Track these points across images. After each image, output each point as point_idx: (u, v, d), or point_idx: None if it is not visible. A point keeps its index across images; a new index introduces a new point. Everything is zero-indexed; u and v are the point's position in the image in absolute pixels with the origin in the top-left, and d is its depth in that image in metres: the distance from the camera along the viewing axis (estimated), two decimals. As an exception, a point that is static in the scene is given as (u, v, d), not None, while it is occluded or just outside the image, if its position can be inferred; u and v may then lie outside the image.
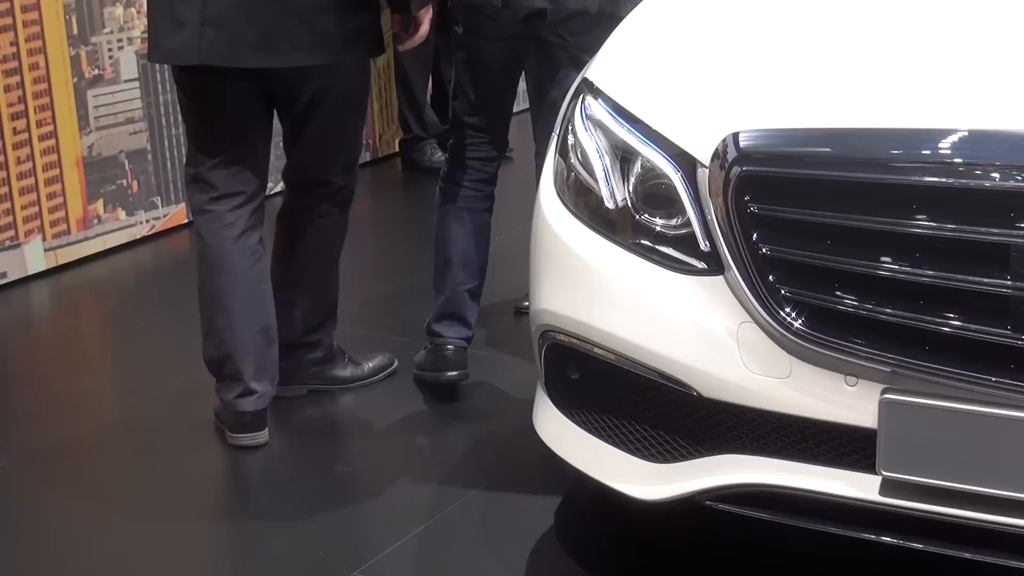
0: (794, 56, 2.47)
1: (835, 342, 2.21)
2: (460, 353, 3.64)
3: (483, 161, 3.63)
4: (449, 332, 3.64)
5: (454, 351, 3.64)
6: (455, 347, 3.64)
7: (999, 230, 2.11)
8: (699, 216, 2.34)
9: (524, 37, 3.45)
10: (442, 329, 3.64)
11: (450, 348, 3.64)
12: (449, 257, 3.62)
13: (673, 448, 2.44)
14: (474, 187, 3.62)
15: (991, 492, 2.16)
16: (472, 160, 3.62)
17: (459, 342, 3.65)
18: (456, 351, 3.64)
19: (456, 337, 3.64)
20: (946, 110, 2.22)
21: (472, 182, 3.62)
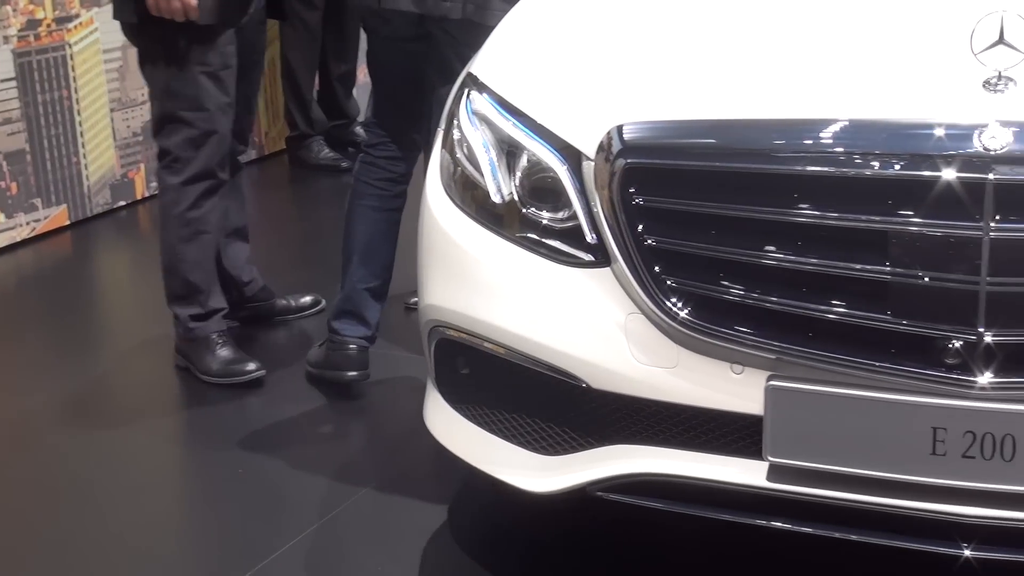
0: (677, 48, 2.49)
1: (721, 331, 2.23)
2: (362, 353, 3.62)
3: (390, 160, 3.61)
4: (348, 330, 3.61)
5: (356, 351, 3.60)
6: (357, 347, 3.60)
7: (879, 217, 2.15)
8: (585, 209, 2.35)
9: (420, 38, 3.44)
10: (341, 327, 3.62)
11: (352, 348, 3.60)
12: (351, 254, 3.61)
13: (563, 440, 2.45)
14: (381, 186, 3.60)
15: (875, 475, 2.20)
16: (380, 159, 3.61)
17: (360, 342, 3.61)
18: (359, 351, 3.61)
19: (355, 336, 3.60)
20: (827, 100, 2.25)
21: (379, 180, 3.60)
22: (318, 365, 3.68)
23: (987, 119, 2.10)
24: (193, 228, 3.69)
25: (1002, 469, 2.12)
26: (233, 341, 3.78)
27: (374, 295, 3.62)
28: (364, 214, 3.61)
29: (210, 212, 3.71)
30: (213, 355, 3.72)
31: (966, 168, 2.08)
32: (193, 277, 3.72)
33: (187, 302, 3.74)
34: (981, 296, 2.10)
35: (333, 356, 3.63)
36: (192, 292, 3.73)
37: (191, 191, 3.66)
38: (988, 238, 2.08)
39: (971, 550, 2.20)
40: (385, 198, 3.61)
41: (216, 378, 3.70)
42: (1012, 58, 2.17)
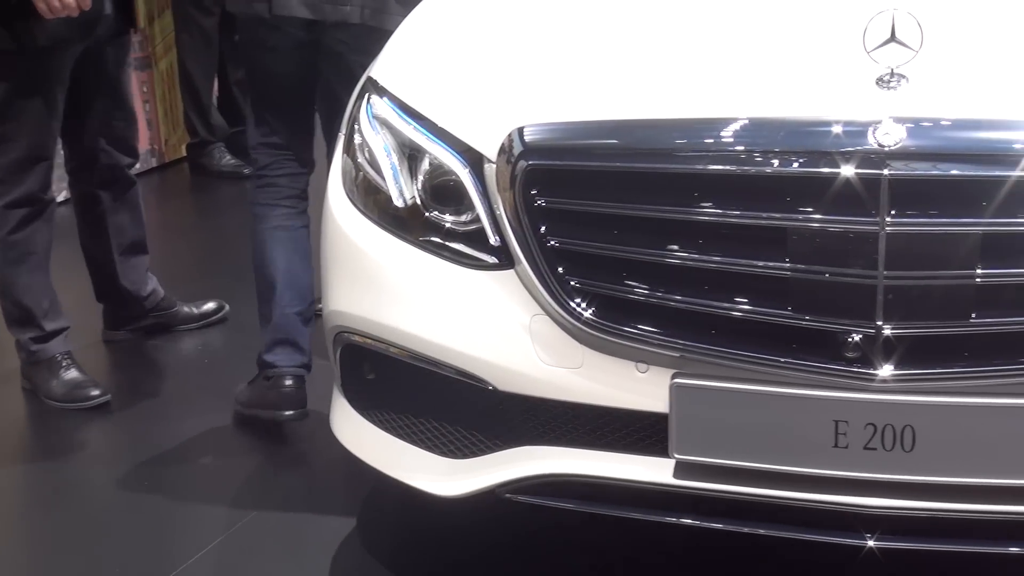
0: (578, 49, 2.50)
1: (625, 330, 2.25)
2: (300, 387, 3.41)
3: (290, 177, 3.47)
4: (284, 361, 3.40)
5: (293, 384, 3.40)
6: (294, 378, 3.40)
7: (779, 214, 2.18)
8: (488, 211, 2.36)
9: (309, 45, 3.36)
10: (276, 359, 3.40)
11: (288, 382, 3.40)
12: (272, 282, 3.41)
13: (471, 443, 2.45)
14: (288, 204, 3.46)
15: (780, 469, 2.23)
16: (279, 178, 3.46)
17: (296, 370, 3.41)
18: (295, 383, 3.40)
19: (292, 366, 3.40)
20: (726, 99, 2.27)
21: (283, 200, 3.45)
22: (250, 404, 3.48)
23: (881, 116, 2.14)
24: (18, 251, 3.61)
25: (903, 460, 2.16)
26: (78, 364, 3.70)
27: (304, 318, 3.44)
28: (276, 238, 3.43)
29: (35, 233, 3.63)
30: (58, 379, 3.65)
31: (861, 164, 2.12)
32: (26, 300, 3.64)
33: (25, 325, 3.67)
34: (879, 290, 2.13)
35: (269, 394, 3.41)
36: (27, 315, 3.66)
37: (13, 215, 3.58)
38: (884, 232, 2.11)
39: (875, 540, 2.23)
40: (293, 216, 3.46)
41: (60, 403, 3.63)
42: (904, 55, 2.21)
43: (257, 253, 3.47)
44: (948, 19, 2.31)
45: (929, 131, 2.13)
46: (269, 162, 3.47)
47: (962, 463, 2.15)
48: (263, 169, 3.48)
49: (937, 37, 2.23)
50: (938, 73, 2.20)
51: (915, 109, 2.15)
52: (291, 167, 3.47)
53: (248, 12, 3.33)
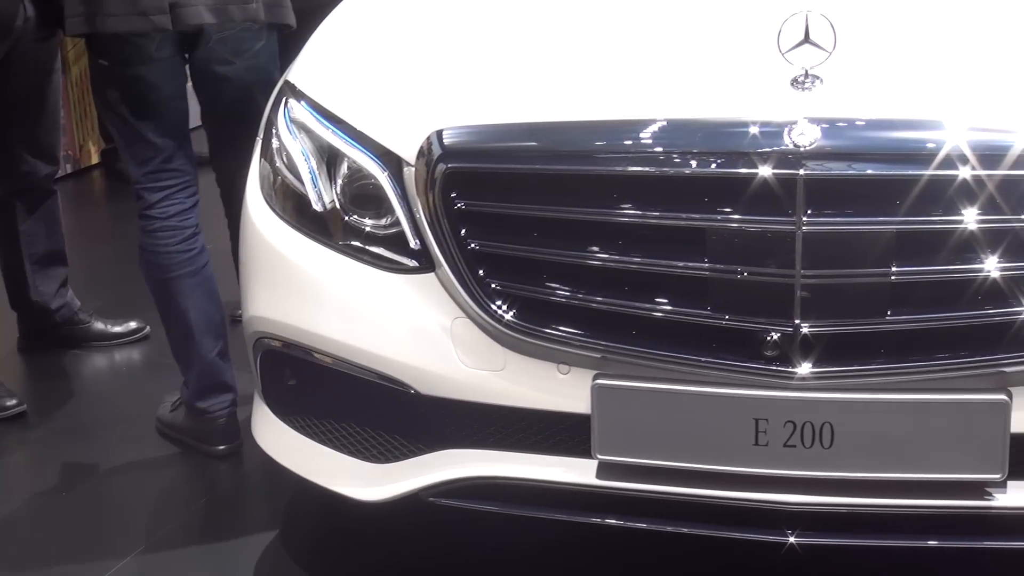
0: (497, 52, 2.50)
1: (546, 332, 2.25)
2: (232, 420, 3.33)
3: (182, 215, 3.24)
4: (215, 404, 3.32)
5: (226, 419, 3.33)
6: (227, 416, 3.33)
7: (698, 215, 2.19)
8: (408, 215, 2.35)
9: (181, 56, 3.22)
10: (207, 405, 3.32)
11: (222, 419, 3.33)
12: (189, 332, 3.27)
13: (394, 447, 2.44)
14: (184, 248, 3.24)
15: (702, 467, 2.25)
16: (172, 218, 3.23)
17: (229, 409, 3.34)
18: (228, 418, 3.33)
19: (223, 407, 3.33)
20: (645, 101, 2.28)
21: (180, 244, 3.24)
22: (177, 430, 3.40)
23: (796, 116, 2.16)
24: None
25: (822, 456, 2.18)
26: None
27: (224, 356, 3.33)
28: (183, 289, 3.24)
29: None
30: None
31: (777, 165, 2.14)
32: None
33: None
34: (796, 289, 2.15)
35: (200, 428, 3.34)
36: None
37: None
38: (801, 232, 2.13)
39: (795, 536, 2.26)
40: (194, 257, 3.25)
41: None
42: (818, 56, 2.23)
43: (165, 305, 3.29)
44: (861, 20, 2.34)
45: (843, 131, 2.16)
46: (157, 199, 3.23)
47: (879, 459, 2.18)
48: (150, 209, 3.24)
49: (850, 38, 2.26)
50: (851, 73, 2.23)
51: (829, 109, 2.17)
52: (180, 200, 3.25)
53: (139, 28, 3.08)
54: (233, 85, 3.25)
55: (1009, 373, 2.14)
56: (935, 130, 2.15)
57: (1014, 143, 2.12)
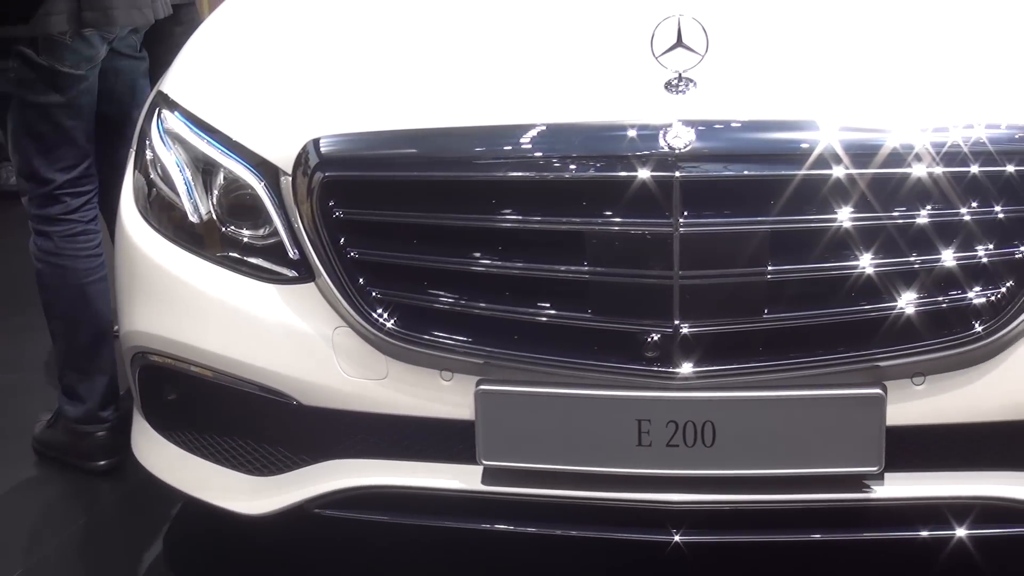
0: (375, 58, 2.49)
1: (427, 339, 2.25)
2: (115, 432, 3.23)
3: (96, 220, 3.19)
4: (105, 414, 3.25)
5: (107, 433, 3.25)
6: (108, 429, 3.26)
7: (578, 219, 2.20)
8: (286, 224, 2.33)
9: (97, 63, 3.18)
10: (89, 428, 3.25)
11: (101, 433, 3.26)
12: (97, 340, 3.21)
13: (277, 460, 2.42)
14: (98, 251, 3.19)
15: (587, 470, 2.26)
16: (89, 223, 3.19)
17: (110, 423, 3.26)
18: (110, 431, 3.25)
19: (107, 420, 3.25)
20: (523, 106, 2.29)
21: (94, 248, 3.19)
22: (56, 448, 3.31)
23: (670, 119, 2.18)
24: None
25: (704, 455, 2.20)
26: None
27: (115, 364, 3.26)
28: (95, 295, 3.17)
29: None
30: None
31: (653, 167, 2.15)
32: None
33: None
34: (675, 290, 2.17)
35: (80, 443, 3.25)
36: None
37: None
38: (678, 233, 2.15)
39: (680, 535, 2.28)
40: (103, 262, 3.17)
41: None
42: (691, 60, 2.26)
43: (73, 314, 3.20)
44: (733, 23, 2.37)
45: (717, 133, 2.19)
46: (79, 205, 3.19)
47: (760, 455, 2.21)
48: (75, 213, 3.18)
49: (722, 41, 2.28)
50: (725, 76, 2.25)
51: (703, 112, 2.20)
52: (96, 207, 3.23)
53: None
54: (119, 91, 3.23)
55: (884, 367, 2.18)
56: (808, 130, 2.18)
57: (885, 141, 2.16)
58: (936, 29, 2.42)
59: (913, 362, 2.18)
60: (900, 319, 2.17)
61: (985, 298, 2.16)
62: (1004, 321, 2.15)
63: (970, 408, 2.20)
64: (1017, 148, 2.16)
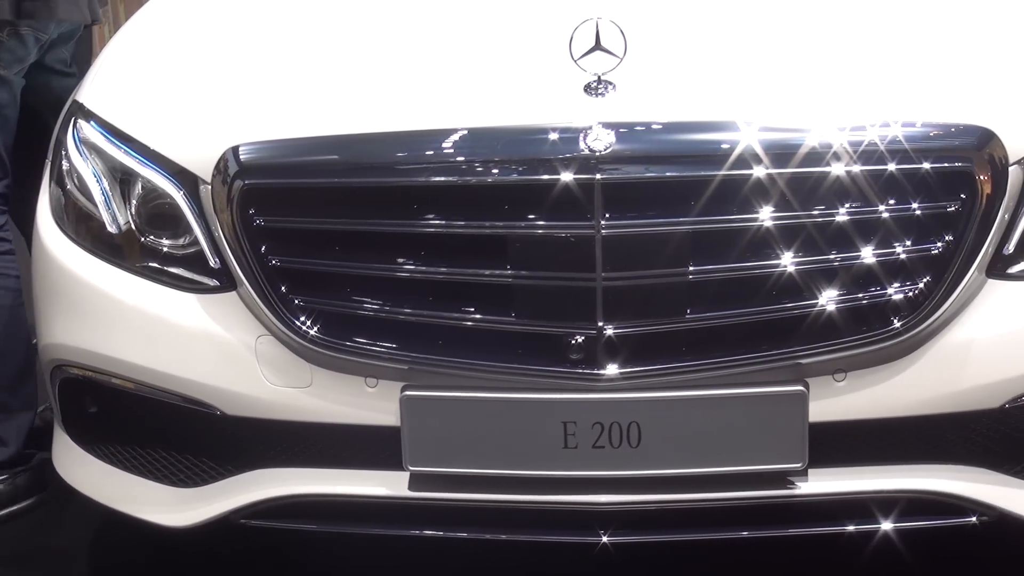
0: (294, 64, 2.47)
1: (351, 346, 2.24)
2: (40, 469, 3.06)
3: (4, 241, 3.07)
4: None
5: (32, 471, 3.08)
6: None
7: (501, 223, 2.20)
8: (206, 233, 2.31)
9: None
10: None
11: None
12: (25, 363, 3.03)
13: (202, 471, 2.40)
14: (6, 269, 3.05)
15: (514, 473, 2.25)
16: (11, 242, 3.08)
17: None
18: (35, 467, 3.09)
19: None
20: (444, 110, 2.29)
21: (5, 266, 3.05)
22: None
23: (590, 122, 2.19)
24: None
25: (630, 455, 2.21)
26: None
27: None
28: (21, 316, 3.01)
29: None
30: None
31: (575, 170, 2.16)
32: None
33: None
34: (598, 291, 2.18)
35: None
36: None
37: None
38: (600, 235, 2.16)
39: (608, 536, 2.28)
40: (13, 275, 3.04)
41: None
42: (609, 62, 2.27)
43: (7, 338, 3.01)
44: (651, 26, 2.38)
45: (637, 135, 2.20)
46: (3, 221, 3.08)
47: (686, 454, 2.22)
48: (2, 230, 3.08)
49: (641, 44, 2.29)
50: (644, 78, 2.26)
51: (623, 114, 2.21)
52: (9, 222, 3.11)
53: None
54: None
55: (805, 364, 2.20)
56: (728, 131, 2.20)
57: (804, 141, 2.18)
58: (853, 29, 2.45)
59: (834, 359, 2.20)
60: (821, 317, 2.20)
61: (903, 294, 2.19)
62: (922, 317, 2.18)
63: (890, 403, 2.23)
64: (933, 146, 2.19)
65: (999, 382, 2.23)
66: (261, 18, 2.67)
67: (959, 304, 2.20)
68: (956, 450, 2.27)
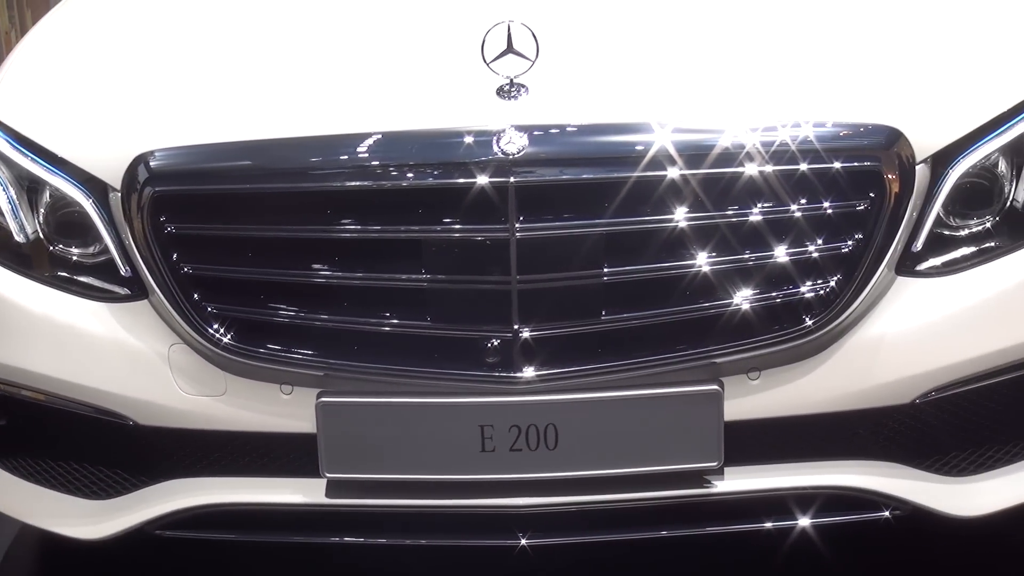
0: (205, 68, 2.44)
1: (265, 353, 2.22)
2: None
3: None
4: None
5: None
6: None
7: (417, 227, 2.20)
8: (116, 241, 2.28)
9: None
10: None
11: None
12: None
13: (115, 482, 2.37)
14: None
15: (433, 478, 2.25)
16: None
17: None
18: None
19: None
20: (357, 115, 2.28)
21: None
22: None
23: (503, 125, 2.18)
24: None
25: (548, 458, 2.21)
26: None
27: None
28: None
29: None
30: None
31: (489, 173, 2.16)
32: None
33: None
34: (513, 294, 2.18)
35: None
36: None
37: None
38: (515, 238, 2.16)
39: (527, 539, 2.29)
40: None
41: None
42: (522, 65, 2.27)
43: None
44: (563, 28, 2.38)
45: (551, 137, 2.20)
46: None
47: (604, 455, 2.23)
48: None
49: (553, 46, 2.30)
50: (557, 81, 2.27)
51: (536, 117, 2.21)
52: None
53: None
54: None
55: (720, 364, 2.22)
56: (641, 132, 2.20)
57: (717, 142, 2.19)
58: (765, 30, 2.46)
59: (748, 358, 2.22)
60: (735, 316, 2.21)
61: (815, 293, 2.21)
62: (833, 315, 2.20)
63: (804, 400, 2.25)
64: (842, 145, 2.21)
65: (909, 378, 2.26)
66: (171, 23, 2.63)
67: (869, 302, 2.23)
68: (869, 446, 2.30)
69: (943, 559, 2.71)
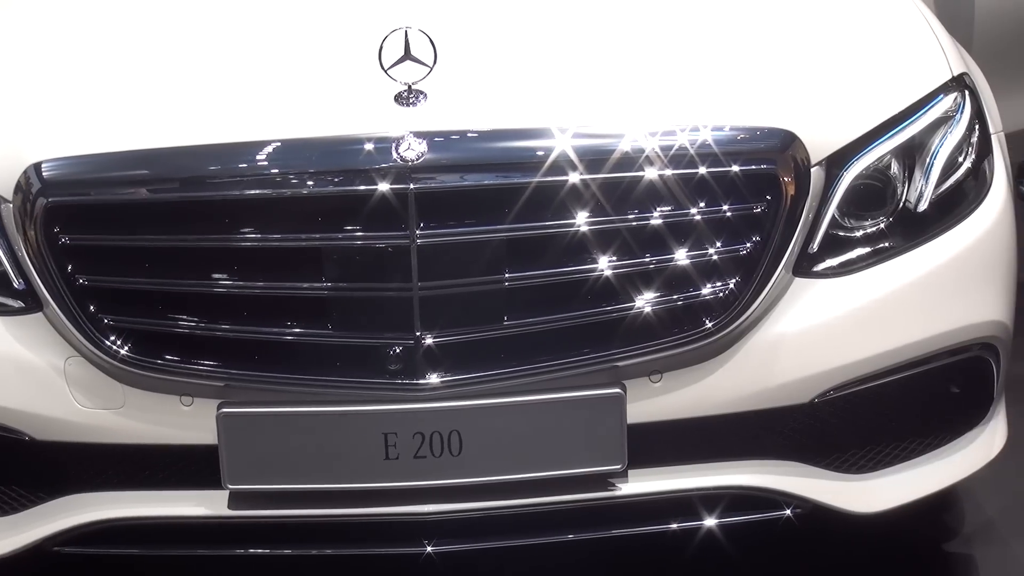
0: (100, 78, 2.41)
1: (163, 365, 2.20)
2: None
3: None
4: None
5: None
6: None
7: (317, 235, 2.19)
8: (9, 253, 2.24)
9: None
10: None
11: None
12: None
13: (11, 499, 2.32)
14: None
15: (337, 487, 2.24)
16: None
17: None
18: None
19: None
20: (256, 122, 2.26)
21: None
22: None
23: (402, 132, 2.18)
24: None
25: (452, 464, 2.21)
26: None
27: None
28: None
29: None
30: None
31: (388, 180, 2.16)
32: None
33: None
34: (415, 301, 2.18)
35: None
36: None
37: None
38: (415, 245, 2.16)
39: (433, 546, 2.28)
40: None
41: None
42: (420, 72, 2.26)
43: None
44: (461, 34, 2.39)
45: (450, 144, 2.20)
46: None
47: (508, 461, 2.23)
48: None
49: (451, 52, 2.30)
50: (455, 87, 2.27)
51: (435, 123, 2.21)
52: None
53: None
54: None
55: (622, 367, 2.23)
56: (541, 138, 2.22)
57: (617, 146, 2.21)
58: (663, 36, 2.49)
59: (649, 360, 2.23)
60: (637, 319, 2.23)
61: (715, 295, 2.23)
62: (732, 316, 2.22)
63: (705, 402, 2.28)
64: (739, 149, 2.24)
65: (807, 378, 2.29)
66: (63, 30, 2.59)
67: (768, 303, 2.26)
68: (769, 445, 2.33)
69: (844, 556, 2.74)
